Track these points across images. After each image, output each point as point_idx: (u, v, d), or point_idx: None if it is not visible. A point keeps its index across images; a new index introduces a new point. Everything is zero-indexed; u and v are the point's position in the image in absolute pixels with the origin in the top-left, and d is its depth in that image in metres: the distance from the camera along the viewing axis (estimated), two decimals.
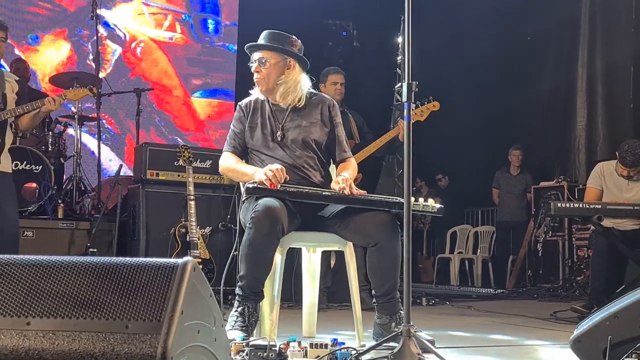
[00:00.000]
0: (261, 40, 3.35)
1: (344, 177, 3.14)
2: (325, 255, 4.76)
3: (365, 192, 3.13)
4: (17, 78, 4.35)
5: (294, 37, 3.38)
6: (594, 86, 7.91)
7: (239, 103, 3.43)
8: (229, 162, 3.30)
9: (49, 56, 8.35)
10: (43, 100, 4.09)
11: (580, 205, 4.74)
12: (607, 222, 4.80)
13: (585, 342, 2.22)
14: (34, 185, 5.49)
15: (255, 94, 3.39)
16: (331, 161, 3.46)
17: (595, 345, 2.18)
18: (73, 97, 4.41)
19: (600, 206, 4.69)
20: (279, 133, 3.28)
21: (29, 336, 1.45)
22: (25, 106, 4.10)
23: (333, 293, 5.22)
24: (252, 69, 3.32)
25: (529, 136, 8.81)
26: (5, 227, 4.00)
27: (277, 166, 3.02)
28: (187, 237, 4.93)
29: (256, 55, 3.32)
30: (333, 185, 3.16)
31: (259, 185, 2.96)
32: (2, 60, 7.80)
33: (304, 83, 3.36)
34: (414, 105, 5.00)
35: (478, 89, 9.09)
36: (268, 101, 3.36)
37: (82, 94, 4.40)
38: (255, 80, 3.33)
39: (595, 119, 7.85)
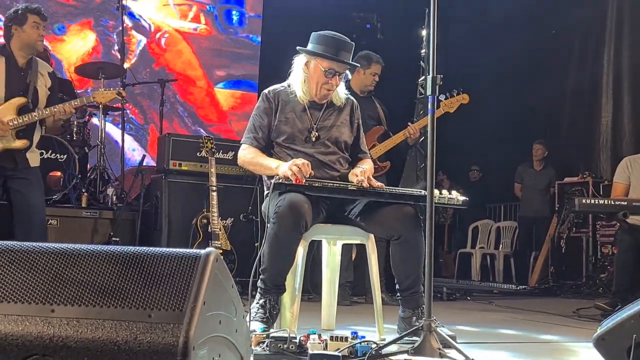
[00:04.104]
0: (344, 52, 3.22)
1: (362, 169, 3.12)
2: (347, 249, 4.74)
3: (384, 185, 3.12)
4: (51, 70, 4.38)
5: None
6: (620, 82, 7.80)
7: (264, 92, 3.35)
8: (248, 154, 3.26)
9: (75, 46, 8.41)
10: (61, 107, 4.11)
11: (605, 202, 4.67)
12: (633, 219, 4.73)
13: (609, 340, 2.19)
14: (59, 174, 5.54)
15: (295, 89, 3.28)
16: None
17: (619, 343, 2.15)
18: (101, 100, 4.44)
19: (625, 202, 4.61)
20: (314, 133, 3.26)
21: (53, 323, 1.46)
22: (53, 108, 4.16)
23: (354, 287, 5.21)
24: (329, 79, 3.21)
25: (554, 131, 8.72)
26: (34, 216, 4.10)
27: (302, 161, 3.00)
28: (209, 227, 4.95)
29: (338, 68, 3.21)
30: (351, 177, 3.14)
31: (284, 181, 2.95)
32: None
33: (343, 85, 3.36)
34: (444, 96, 4.99)
35: (502, 84, 9.01)
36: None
37: (110, 96, 4.41)
38: (327, 90, 3.24)
39: (621, 115, 7.75)
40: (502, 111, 9.16)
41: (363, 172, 3.09)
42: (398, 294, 3.18)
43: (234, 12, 9.70)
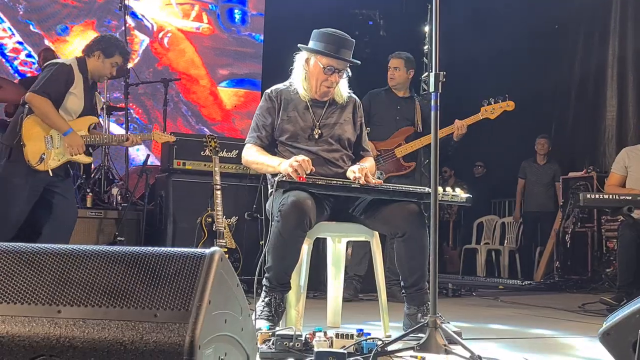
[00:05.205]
0: (344, 49, 3.22)
1: (360, 167, 3.12)
2: (360, 243, 4.73)
3: (382, 182, 3.12)
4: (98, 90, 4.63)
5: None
6: (624, 74, 7.77)
7: (267, 92, 3.36)
8: (252, 153, 3.27)
9: (78, 46, 8.39)
10: (128, 136, 4.46)
11: (610, 197, 4.66)
12: (638, 214, 4.72)
13: (615, 335, 2.19)
14: None
15: (297, 87, 3.30)
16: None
17: (624, 338, 2.15)
18: (157, 140, 4.78)
19: (630, 197, 4.60)
20: (316, 130, 3.26)
21: (60, 324, 1.47)
22: (114, 136, 4.58)
23: (363, 281, 5.19)
24: (328, 77, 3.22)
25: (559, 126, 8.69)
26: (71, 218, 4.39)
27: (302, 157, 3.01)
28: (214, 226, 4.96)
29: (337, 65, 3.21)
30: (348, 174, 3.14)
31: (287, 179, 2.95)
32: (32, 51, 7.94)
33: (346, 83, 3.37)
34: (486, 101, 4.94)
35: (505, 78, 8.98)
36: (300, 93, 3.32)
37: (166, 139, 4.82)
38: (326, 88, 3.25)
39: (626, 108, 7.72)
40: None
41: (361, 170, 3.08)
42: (403, 291, 3.18)
43: (236, 11, 9.70)
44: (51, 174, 4.10)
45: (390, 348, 2.54)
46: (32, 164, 4.05)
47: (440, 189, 2.91)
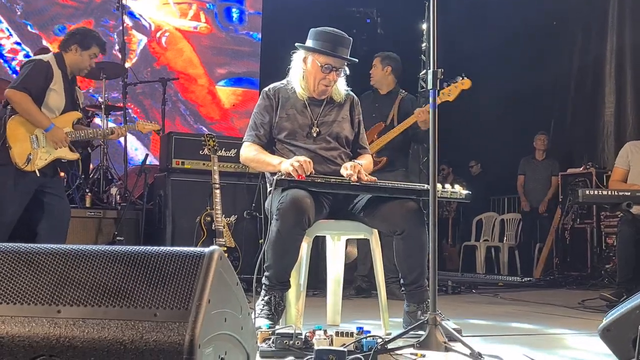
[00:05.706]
0: (341, 47, 3.22)
1: (352, 164, 3.11)
2: (366, 242, 4.73)
3: (376, 179, 3.11)
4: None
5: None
6: (623, 70, 7.77)
7: (265, 90, 3.37)
8: (250, 152, 3.27)
9: None
10: (113, 129, 4.48)
11: (609, 193, 4.67)
12: (637, 209, 4.72)
13: (615, 331, 2.20)
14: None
15: (294, 86, 3.30)
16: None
17: (624, 334, 2.15)
18: (142, 130, 4.72)
19: (629, 193, 4.61)
20: (315, 128, 3.26)
21: (59, 324, 1.47)
22: (99, 130, 4.59)
23: (369, 281, 5.18)
24: (326, 75, 3.22)
25: (557, 122, 8.69)
26: (66, 217, 4.37)
27: (303, 158, 3.01)
28: (213, 225, 4.96)
29: (335, 63, 3.21)
30: (341, 171, 3.13)
31: (286, 177, 2.95)
32: (30, 51, 7.94)
33: (343, 81, 3.37)
34: (446, 83, 4.86)
35: (503, 74, 8.98)
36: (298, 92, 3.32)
37: (150, 128, 4.76)
38: (324, 86, 3.25)
39: (624, 104, 7.72)
40: (503, 102, 9.14)
41: (353, 167, 3.07)
42: (402, 289, 3.18)
43: (233, 10, 9.70)
44: (38, 174, 4.08)
45: (390, 346, 2.54)
46: (20, 165, 4.03)
47: (439, 185, 2.91)
